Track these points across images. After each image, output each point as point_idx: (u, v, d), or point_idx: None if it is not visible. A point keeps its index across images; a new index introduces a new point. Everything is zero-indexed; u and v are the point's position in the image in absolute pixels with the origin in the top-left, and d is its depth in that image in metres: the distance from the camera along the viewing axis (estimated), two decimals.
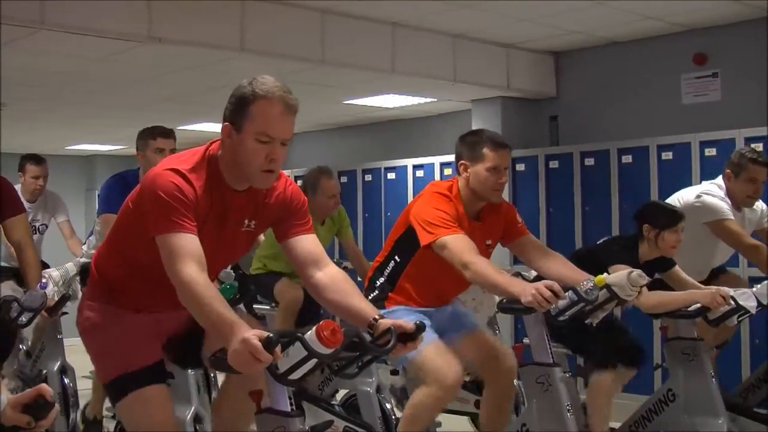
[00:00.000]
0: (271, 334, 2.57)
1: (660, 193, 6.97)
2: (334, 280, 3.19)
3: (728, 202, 5.41)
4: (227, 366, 2.62)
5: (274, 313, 6.19)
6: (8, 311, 4.64)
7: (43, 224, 7.30)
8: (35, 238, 6.94)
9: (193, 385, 4.29)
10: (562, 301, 3.92)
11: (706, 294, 4.68)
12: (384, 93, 8.44)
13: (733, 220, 5.34)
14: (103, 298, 3.29)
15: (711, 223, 5.35)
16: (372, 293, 4.43)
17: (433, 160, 8.83)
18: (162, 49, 6.28)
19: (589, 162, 7.63)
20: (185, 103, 8.94)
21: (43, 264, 5.82)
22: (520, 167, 8.01)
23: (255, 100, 3.00)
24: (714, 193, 5.44)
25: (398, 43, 7.15)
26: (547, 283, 3.82)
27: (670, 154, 7.14)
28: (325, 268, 3.21)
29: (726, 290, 4.66)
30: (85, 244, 6.25)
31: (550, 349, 4.19)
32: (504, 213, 4.44)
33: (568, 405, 4.13)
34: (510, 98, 8.37)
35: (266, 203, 3.21)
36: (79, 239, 7.28)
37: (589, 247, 5.22)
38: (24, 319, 4.77)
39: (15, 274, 5.77)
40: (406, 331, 2.94)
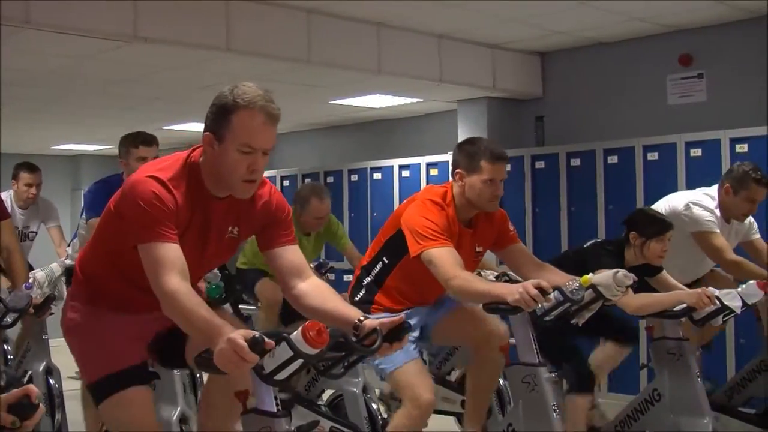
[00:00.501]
0: (257, 334, 2.57)
1: (646, 194, 6.99)
2: (316, 288, 3.20)
3: (717, 214, 5.40)
4: (213, 366, 2.62)
5: (260, 313, 6.20)
6: None
7: (33, 231, 7.29)
8: (25, 244, 6.93)
9: (179, 386, 4.28)
10: (548, 303, 3.93)
11: (692, 294, 4.70)
12: (370, 93, 8.44)
13: (718, 233, 5.34)
14: (87, 298, 3.28)
15: (696, 234, 5.36)
16: (359, 292, 4.43)
17: (420, 161, 8.83)
18: (148, 49, 6.26)
19: (575, 162, 7.64)
20: (171, 102, 8.93)
21: (29, 267, 5.81)
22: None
23: (236, 110, 2.95)
24: (704, 205, 5.41)
25: (384, 44, 7.15)
26: (534, 281, 3.82)
27: (656, 154, 7.15)
28: (307, 279, 3.22)
29: (711, 290, 4.67)
30: (70, 246, 6.24)
31: (537, 349, 4.18)
32: (496, 220, 4.42)
33: (554, 405, 4.13)
34: (496, 98, 8.39)
35: (251, 211, 3.20)
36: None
37: (576, 249, 5.23)
38: (9, 319, 4.76)
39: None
40: (393, 326, 2.94)
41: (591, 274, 4.19)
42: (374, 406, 5.46)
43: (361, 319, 2.97)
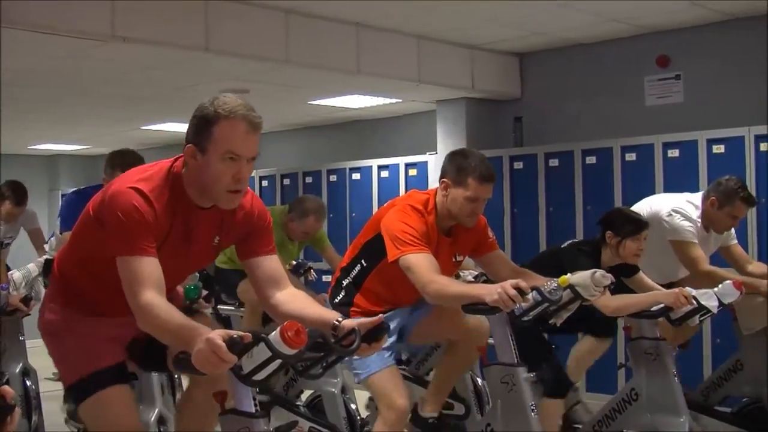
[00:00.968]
0: (235, 335, 2.57)
1: (624, 194, 7.03)
2: (293, 296, 3.20)
3: (699, 223, 5.42)
4: (191, 367, 2.61)
5: (239, 314, 6.18)
6: None
7: (11, 237, 7.27)
8: (3, 252, 6.91)
9: (157, 387, 4.28)
10: (526, 303, 3.94)
11: (669, 294, 4.72)
12: (349, 93, 8.44)
13: (696, 244, 5.35)
14: (64, 300, 3.26)
15: (674, 242, 5.39)
16: (338, 294, 4.43)
17: (398, 161, 8.84)
18: (126, 49, 6.24)
19: (553, 163, 7.67)
20: (149, 102, 8.90)
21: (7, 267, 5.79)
22: None
23: (218, 120, 2.92)
24: (687, 214, 5.41)
25: (363, 44, 7.15)
26: (512, 282, 3.82)
27: (634, 155, 7.19)
28: (285, 289, 3.22)
29: (688, 290, 4.69)
30: (47, 244, 6.23)
31: (515, 350, 4.19)
32: (476, 228, 4.41)
33: (532, 405, 4.14)
34: (474, 99, 8.40)
35: (232, 220, 3.18)
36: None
37: (553, 249, 5.25)
38: None
39: None
40: (371, 327, 2.94)
41: (569, 275, 4.20)
42: (353, 407, 5.47)
43: (340, 319, 2.98)
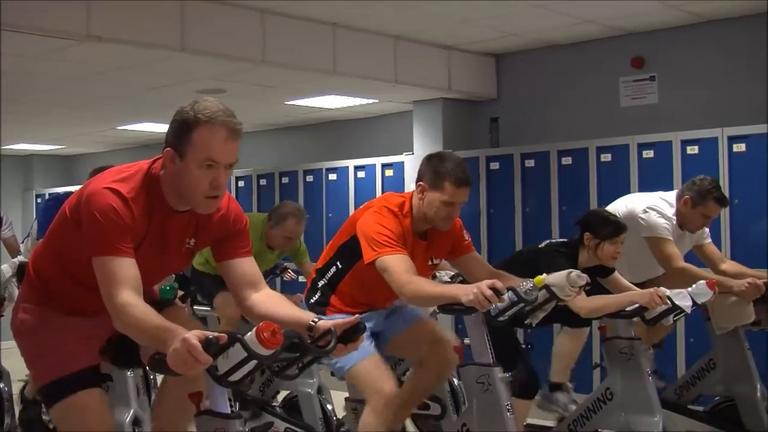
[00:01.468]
0: (211, 335, 2.56)
1: (599, 194, 7.06)
2: (269, 297, 3.21)
3: (674, 221, 5.46)
4: (166, 367, 2.60)
5: (215, 314, 6.16)
6: None
7: None
8: None
9: (132, 388, 4.24)
10: (502, 303, 3.95)
11: (644, 294, 4.74)
12: (325, 94, 8.43)
13: (671, 241, 5.39)
14: (39, 299, 3.24)
15: (648, 239, 5.42)
16: (314, 295, 4.43)
17: (375, 161, 8.84)
18: (101, 48, 6.21)
19: (529, 163, 7.69)
20: (125, 102, 8.86)
21: None
22: None
23: (197, 125, 2.91)
24: (661, 211, 5.45)
25: (339, 44, 7.15)
26: (488, 282, 3.82)
27: (609, 155, 7.22)
28: (261, 290, 3.22)
29: (663, 290, 4.72)
30: (22, 244, 6.20)
31: (491, 350, 4.21)
32: (451, 231, 4.40)
33: (507, 405, 4.16)
34: (451, 100, 8.42)
35: (208, 223, 3.18)
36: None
37: (530, 249, 5.26)
38: None
39: None
40: (347, 327, 2.95)
41: (545, 275, 4.22)
42: (329, 407, 5.47)
43: (316, 320, 2.98)
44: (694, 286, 4.81)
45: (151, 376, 5.24)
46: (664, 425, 4.76)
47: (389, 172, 8.68)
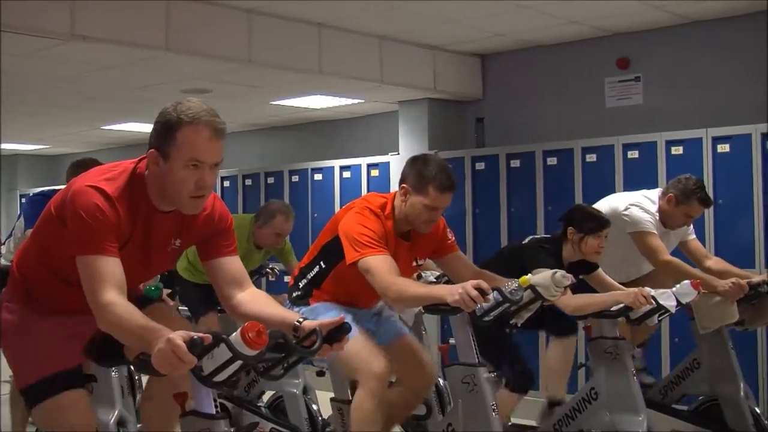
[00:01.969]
0: (196, 336, 2.56)
1: (584, 195, 7.07)
2: (254, 296, 3.21)
3: (657, 217, 5.48)
4: (151, 367, 2.60)
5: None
6: None
7: None
8: None
9: (117, 388, 4.24)
10: (487, 303, 3.95)
11: (629, 294, 4.76)
12: (311, 94, 8.43)
13: (655, 234, 5.41)
14: (23, 299, 3.24)
15: (633, 234, 5.44)
16: (296, 292, 4.43)
17: (360, 162, 8.84)
18: (85, 48, 6.19)
19: (514, 164, 7.70)
20: (110, 102, 8.83)
21: None
22: None
23: (181, 126, 2.91)
24: (644, 206, 5.48)
25: (325, 44, 7.14)
26: (473, 282, 3.83)
27: (594, 156, 7.24)
28: (246, 289, 3.22)
29: (647, 290, 4.74)
30: (4, 245, 6.16)
31: (476, 350, 4.21)
32: (434, 231, 4.39)
33: (493, 405, 4.16)
34: (436, 100, 8.42)
35: (193, 223, 3.18)
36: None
37: (514, 246, 5.28)
38: None
39: None
40: (333, 327, 2.95)
41: (530, 275, 4.23)
42: (314, 407, 5.47)
43: (301, 320, 2.98)
44: (679, 286, 4.84)
45: (136, 377, 5.23)
46: (649, 424, 4.77)
47: (375, 173, 8.68)
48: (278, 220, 6.12)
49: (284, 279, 7.25)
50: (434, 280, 5.36)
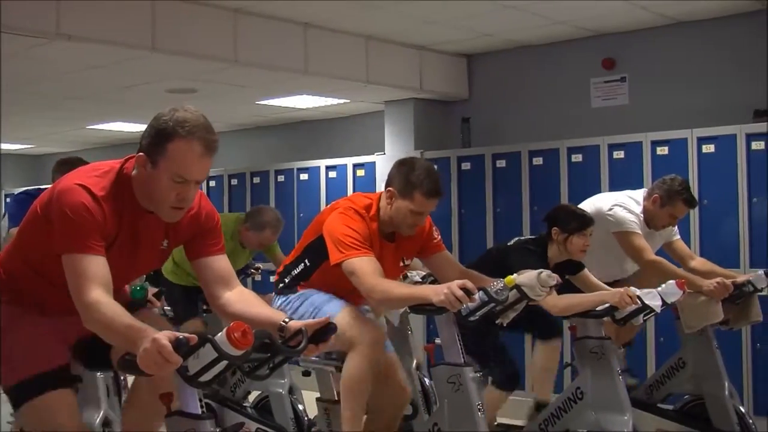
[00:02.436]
0: (181, 336, 2.56)
1: (570, 195, 7.09)
2: (241, 295, 3.21)
3: (641, 217, 5.50)
4: (137, 368, 2.59)
5: None
6: None
7: None
8: None
9: (102, 389, 4.23)
10: (473, 303, 3.96)
11: (614, 294, 4.78)
12: (297, 93, 8.42)
13: (640, 234, 5.43)
14: (9, 299, 3.22)
15: (617, 234, 5.45)
16: (281, 284, 4.44)
17: (346, 161, 8.83)
18: (71, 47, 6.17)
19: (500, 164, 7.71)
20: (95, 101, 8.80)
21: None
22: None
23: (174, 138, 2.90)
24: (628, 207, 5.50)
25: (311, 44, 7.14)
26: (459, 282, 3.83)
27: (580, 156, 7.25)
28: (234, 289, 3.22)
29: (633, 290, 4.75)
30: None
31: (462, 350, 4.22)
32: (420, 230, 4.39)
33: (479, 404, 4.16)
34: (422, 100, 8.43)
35: (179, 222, 3.17)
36: None
37: (500, 247, 5.28)
38: None
39: None
40: (318, 327, 2.95)
41: (515, 275, 4.23)
42: (300, 407, 5.47)
43: (286, 320, 2.98)
44: (664, 285, 4.86)
45: (122, 377, 5.21)
46: (634, 424, 4.79)
47: (361, 173, 8.67)
48: (266, 234, 6.26)
49: (270, 279, 7.24)
50: (420, 280, 5.36)
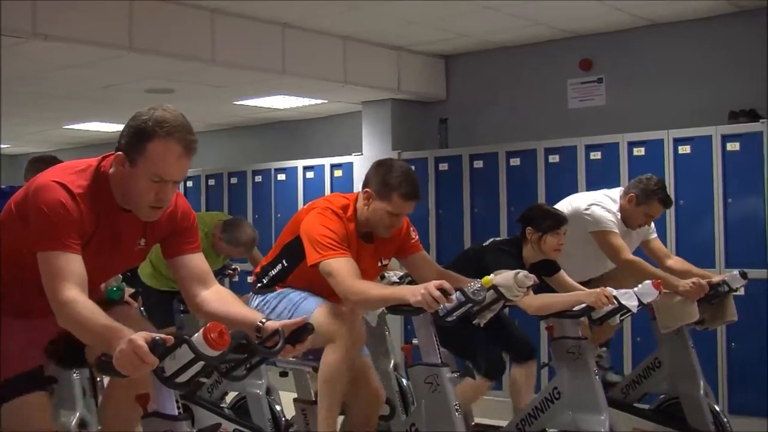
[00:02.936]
0: (158, 337, 2.55)
1: (547, 195, 7.11)
2: (218, 294, 3.20)
3: (618, 216, 5.52)
4: (113, 368, 2.58)
5: None
6: None
7: None
8: None
9: (78, 390, 4.22)
10: (450, 303, 3.96)
11: (591, 294, 4.80)
12: (274, 94, 8.41)
13: (617, 233, 5.45)
14: None
15: (595, 233, 5.47)
16: (259, 284, 4.43)
17: (324, 162, 8.83)
18: (47, 47, 6.14)
19: (477, 164, 7.73)
20: (72, 101, 8.75)
21: None
22: None
23: (153, 137, 2.89)
24: (605, 206, 5.52)
25: (288, 44, 7.13)
26: (436, 282, 3.83)
27: (557, 157, 7.28)
28: (211, 287, 3.21)
29: (609, 290, 4.77)
30: None
31: (439, 350, 4.22)
32: (397, 230, 4.38)
33: (456, 404, 4.17)
34: (400, 100, 8.44)
35: (157, 221, 3.16)
36: None
37: (476, 248, 5.29)
38: None
39: None
40: (295, 328, 2.94)
41: (492, 275, 4.25)
42: (278, 408, 5.46)
43: (263, 321, 2.98)
44: (640, 286, 4.88)
45: (98, 378, 5.19)
46: (611, 423, 4.81)
47: (338, 173, 8.67)
48: (239, 251, 6.33)
49: (247, 279, 7.24)
50: (397, 281, 5.37)
